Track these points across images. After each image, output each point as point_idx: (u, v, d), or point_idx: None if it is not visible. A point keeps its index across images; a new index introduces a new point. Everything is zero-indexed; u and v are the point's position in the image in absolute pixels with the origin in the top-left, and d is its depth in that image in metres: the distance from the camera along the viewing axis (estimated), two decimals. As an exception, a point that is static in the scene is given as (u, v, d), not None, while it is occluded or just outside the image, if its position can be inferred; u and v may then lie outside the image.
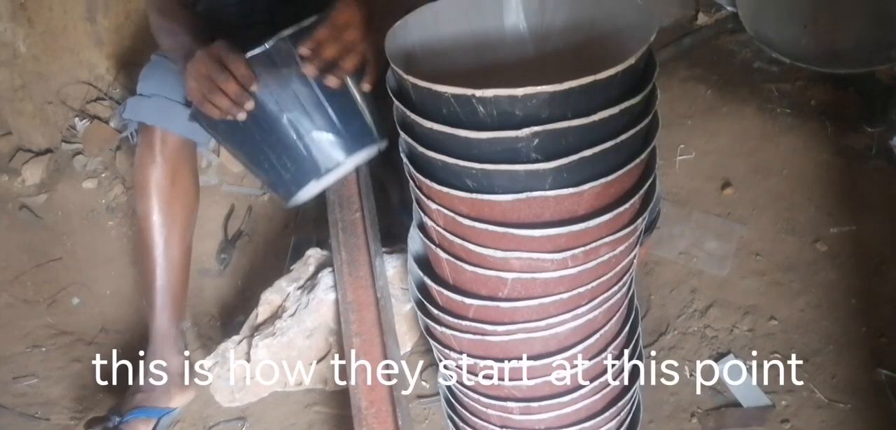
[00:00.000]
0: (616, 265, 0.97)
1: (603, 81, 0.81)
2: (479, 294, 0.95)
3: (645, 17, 0.92)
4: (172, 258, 1.40)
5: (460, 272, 0.95)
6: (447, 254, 0.95)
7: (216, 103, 1.11)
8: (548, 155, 0.84)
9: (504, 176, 0.85)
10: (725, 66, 2.00)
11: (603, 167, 0.87)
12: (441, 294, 0.98)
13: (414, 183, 0.96)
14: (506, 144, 0.83)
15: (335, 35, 1.10)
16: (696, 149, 1.83)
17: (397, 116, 0.94)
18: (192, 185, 1.43)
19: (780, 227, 1.66)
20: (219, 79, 1.09)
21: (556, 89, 0.80)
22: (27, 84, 1.98)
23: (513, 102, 0.81)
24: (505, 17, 1.05)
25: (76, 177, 1.97)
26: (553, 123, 0.82)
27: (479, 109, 0.82)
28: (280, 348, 1.32)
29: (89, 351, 1.58)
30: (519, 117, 0.82)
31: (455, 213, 0.90)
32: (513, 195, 0.86)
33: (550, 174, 0.85)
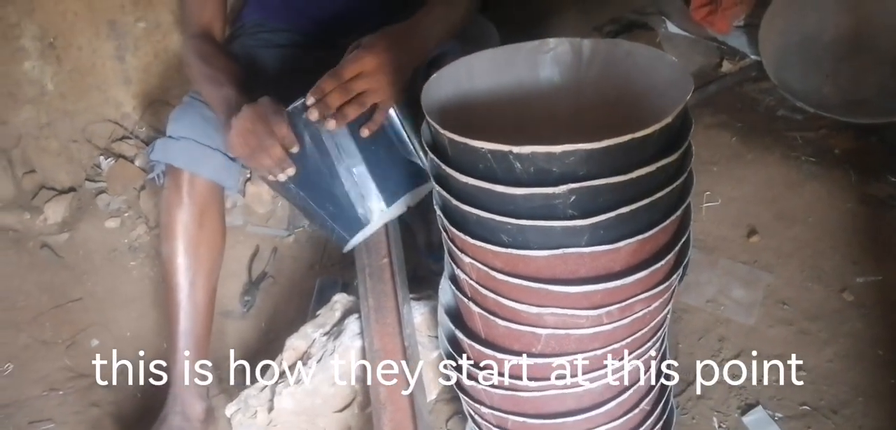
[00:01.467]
0: (651, 321, 0.96)
1: (640, 139, 0.81)
2: (512, 350, 0.94)
3: (680, 75, 0.92)
4: (197, 302, 1.40)
5: (492, 327, 0.94)
6: (480, 308, 0.95)
7: (260, 163, 1.15)
8: (584, 212, 0.83)
9: (540, 232, 0.85)
10: (749, 114, 2.00)
11: (639, 224, 0.87)
12: (472, 348, 0.98)
13: (447, 235, 0.96)
14: (542, 200, 0.83)
15: (338, 83, 1.12)
16: (722, 196, 1.82)
17: (432, 169, 0.94)
18: (219, 228, 1.43)
19: (806, 275, 1.64)
20: (263, 140, 1.12)
21: (594, 147, 0.80)
22: (53, 122, 1.99)
23: (550, 159, 0.81)
24: (540, 71, 1.06)
25: (99, 216, 1.97)
26: (590, 180, 0.81)
27: (516, 165, 0.82)
28: (304, 396, 1.31)
29: (107, 395, 1.56)
30: (556, 174, 0.82)
31: (489, 267, 0.90)
32: (548, 252, 0.86)
33: (587, 231, 0.84)
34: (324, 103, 1.12)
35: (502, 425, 1.01)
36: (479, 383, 0.98)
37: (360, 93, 1.13)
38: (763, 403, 1.40)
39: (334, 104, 1.12)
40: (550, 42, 1.04)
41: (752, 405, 1.40)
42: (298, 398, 1.32)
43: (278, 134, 1.11)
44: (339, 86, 1.12)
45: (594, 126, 1.06)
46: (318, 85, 1.12)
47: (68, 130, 2.00)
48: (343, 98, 1.12)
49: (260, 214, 1.90)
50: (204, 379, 1.42)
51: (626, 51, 1.02)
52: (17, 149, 2.02)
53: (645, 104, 1.00)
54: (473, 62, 1.03)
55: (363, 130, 1.17)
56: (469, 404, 1.04)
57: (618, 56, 1.03)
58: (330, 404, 1.33)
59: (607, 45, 1.02)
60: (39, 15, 1.89)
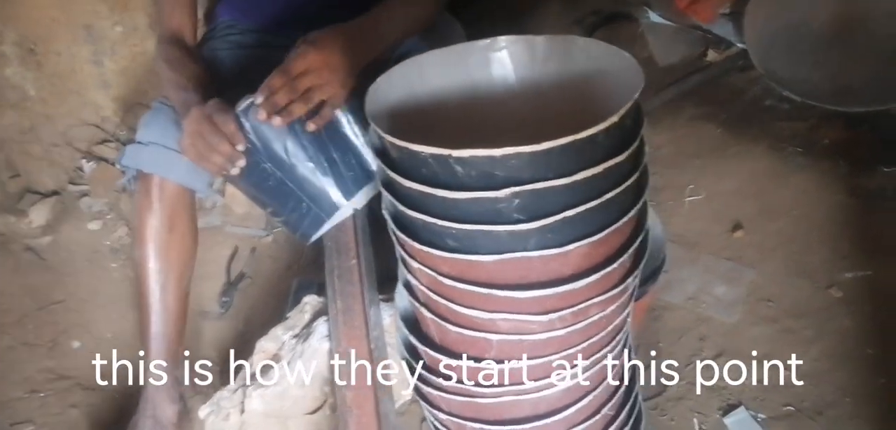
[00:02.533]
0: (607, 325, 0.94)
1: (585, 140, 0.79)
2: (466, 355, 0.93)
3: (633, 71, 0.90)
4: (168, 305, 1.40)
5: (446, 333, 0.92)
6: (432, 314, 0.93)
7: (211, 160, 1.15)
8: (530, 215, 0.81)
9: (486, 236, 0.83)
10: (735, 104, 1.97)
11: (589, 227, 0.85)
12: (427, 354, 0.96)
13: (397, 241, 0.94)
14: (486, 204, 0.81)
15: (287, 82, 1.11)
16: (706, 189, 1.79)
17: (379, 174, 0.92)
18: (190, 233, 1.43)
19: (791, 271, 1.61)
20: (211, 139, 1.13)
21: (536, 149, 0.78)
22: (35, 126, 2.00)
23: (492, 162, 0.79)
24: (493, 69, 1.04)
25: (82, 218, 1.98)
26: (534, 183, 0.79)
27: (457, 169, 0.80)
28: (274, 398, 1.30)
29: (87, 397, 1.57)
30: (499, 178, 0.80)
31: (438, 273, 0.88)
32: (496, 256, 0.84)
33: (534, 235, 0.82)
34: (271, 101, 1.12)
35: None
36: (435, 389, 0.96)
37: (307, 89, 1.13)
38: (745, 403, 1.37)
39: (281, 102, 1.12)
40: (502, 40, 1.02)
41: (733, 406, 1.38)
42: (268, 400, 1.31)
43: (225, 131, 1.12)
44: (287, 82, 1.12)
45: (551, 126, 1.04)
46: (266, 82, 1.13)
47: (50, 135, 2.01)
48: (290, 95, 1.13)
49: (238, 214, 1.90)
50: (176, 382, 1.41)
51: (581, 47, 0.99)
52: (2, 153, 2.03)
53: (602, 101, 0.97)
54: (424, 62, 1.01)
55: (309, 125, 1.17)
56: (428, 410, 1.03)
57: (573, 52, 1.00)
58: (300, 405, 1.32)
59: (563, 42, 1.00)
60: (19, 21, 1.89)
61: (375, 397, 1.17)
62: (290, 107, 1.12)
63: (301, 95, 1.12)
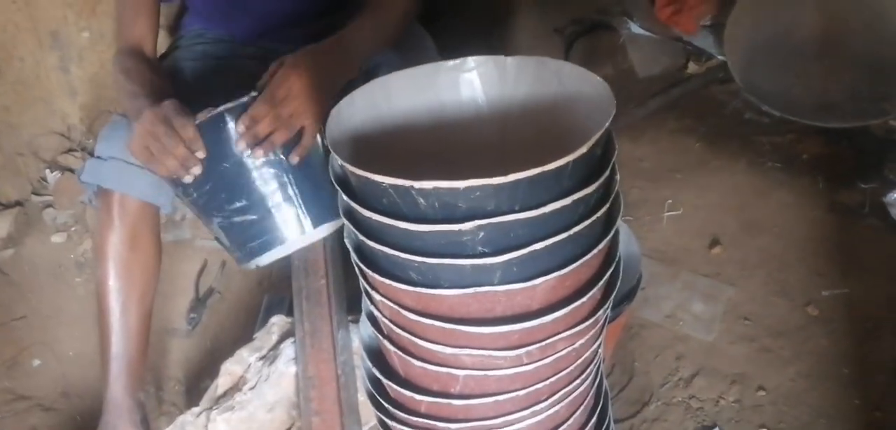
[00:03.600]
0: (577, 359, 0.91)
1: (552, 172, 0.76)
2: (431, 390, 0.89)
3: (604, 97, 0.86)
4: (129, 326, 1.35)
5: (410, 367, 0.89)
6: (395, 347, 0.90)
7: (164, 164, 1.09)
8: (496, 249, 0.78)
9: (449, 270, 0.79)
10: (715, 118, 1.95)
11: (558, 260, 0.81)
12: (391, 388, 0.92)
13: (359, 272, 0.91)
14: (450, 236, 0.77)
15: (271, 109, 1.07)
16: (685, 204, 1.78)
17: (340, 204, 0.88)
18: (153, 250, 1.38)
19: (770, 289, 1.60)
20: (166, 141, 1.07)
21: (502, 181, 0.74)
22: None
23: (455, 194, 0.75)
24: (462, 90, 1.00)
25: (45, 231, 1.92)
26: (499, 215, 0.76)
27: (419, 200, 0.77)
28: (239, 423, 1.26)
29: (46, 418, 1.52)
30: (462, 210, 0.76)
31: (401, 306, 0.85)
32: (460, 290, 0.80)
33: (499, 269, 0.79)
34: (252, 133, 1.07)
35: (425, 467, 0.96)
36: (399, 424, 0.93)
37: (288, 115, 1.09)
38: (721, 425, 1.36)
39: (264, 132, 1.08)
40: (471, 61, 0.98)
41: (709, 428, 1.36)
42: (234, 424, 1.26)
43: (183, 136, 1.06)
44: (270, 111, 1.07)
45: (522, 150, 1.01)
46: (249, 112, 1.08)
47: (13, 143, 1.95)
48: (273, 125, 1.08)
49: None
50: (138, 405, 1.37)
51: (553, 70, 0.96)
52: (-38, 163, 1.96)
53: (574, 126, 0.94)
54: (390, 82, 0.97)
55: (292, 157, 1.12)
56: (392, 444, 0.99)
57: (545, 75, 0.97)
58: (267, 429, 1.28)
59: (534, 63, 0.97)
60: (-23, 28, 1.83)
61: (342, 424, 1.14)
62: (272, 136, 1.08)
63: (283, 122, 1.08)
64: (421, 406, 0.90)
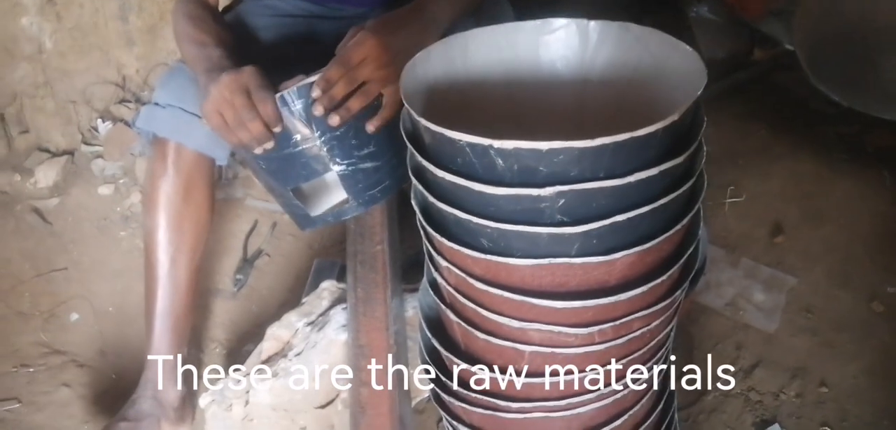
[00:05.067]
0: (651, 340, 0.86)
1: (641, 138, 0.70)
2: (493, 364, 0.85)
3: (694, 66, 0.81)
4: (177, 281, 1.32)
5: (472, 339, 0.85)
6: (458, 317, 0.85)
7: (237, 135, 1.05)
8: (575, 218, 0.73)
9: (524, 238, 0.75)
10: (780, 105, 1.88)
11: (638, 234, 0.76)
12: (450, 360, 0.88)
13: (425, 236, 0.86)
14: (527, 202, 0.73)
15: (347, 73, 1.02)
16: (747, 191, 1.71)
17: (410, 161, 0.84)
18: (206, 204, 1.34)
19: (833, 281, 1.53)
20: (244, 114, 1.03)
21: (587, 145, 0.69)
22: (50, 81, 1.92)
23: (536, 156, 0.71)
24: (541, 53, 0.95)
25: (93, 181, 1.89)
26: (582, 182, 0.71)
27: (497, 161, 0.72)
28: (283, 391, 1.23)
29: (81, 375, 1.47)
30: (543, 174, 0.72)
31: (468, 274, 0.80)
32: (533, 261, 0.76)
33: (577, 240, 0.74)
34: (329, 95, 1.03)
35: (481, 445, 0.92)
36: (456, 399, 0.89)
37: (364, 82, 1.04)
38: (780, 420, 1.30)
39: (339, 95, 1.03)
40: (555, 22, 0.93)
41: (768, 422, 1.30)
42: (277, 392, 1.24)
43: (262, 111, 1.02)
44: (345, 74, 1.03)
45: (600, 117, 0.96)
46: (324, 74, 1.03)
47: (66, 91, 1.93)
48: (348, 88, 1.03)
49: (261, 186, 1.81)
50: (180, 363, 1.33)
51: (636, 36, 0.90)
52: (12, 107, 1.94)
53: (656, 96, 0.89)
54: (469, 40, 0.92)
55: (369, 126, 1.07)
56: (447, 420, 0.95)
57: (628, 41, 0.91)
58: (311, 399, 1.25)
59: (617, 28, 0.91)
60: (39, -31, 1.81)
61: (391, 397, 1.10)
62: (349, 103, 1.03)
63: (359, 87, 1.03)
64: (481, 382, 0.86)
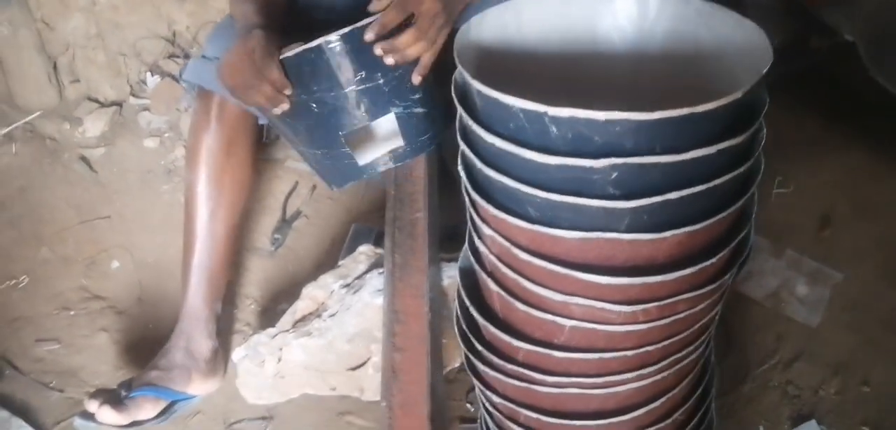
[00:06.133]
0: (694, 324, 0.84)
1: (701, 114, 0.68)
2: (532, 337, 0.84)
3: (758, 42, 0.78)
4: (216, 234, 1.32)
5: (512, 310, 0.84)
6: (499, 286, 0.84)
7: (250, 98, 1.07)
8: (627, 192, 0.71)
9: (573, 210, 0.73)
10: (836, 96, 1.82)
11: (690, 213, 0.74)
12: (487, 330, 0.87)
13: (469, 200, 0.85)
14: (579, 173, 0.71)
15: (400, 17, 1.01)
16: (795, 181, 1.66)
17: (459, 124, 0.83)
18: (249, 159, 1.34)
19: (881, 278, 1.49)
20: (250, 78, 1.04)
21: (645, 118, 0.68)
22: (102, 33, 1.94)
23: (592, 126, 0.69)
24: (598, 22, 0.93)
25: (139, 134, 1.91)
26: (637, 156, 0.69)
27: (551, 129, 0.71)
28: (317, 350, 1.23)
29: (119, 321, 1.50)
30: (597, 145, 0.70)
31: (512, 243, 0.79)
32: (581, 233, 0.74)
33: (628, 215, 0.72)
34: (389, 43, 1.02)
35: (514, 417, 0.91)
36: (491, 369, 0.88)
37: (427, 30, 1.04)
38: (818, 417, 1.27)
39: (404, 45, 1.02)
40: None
41: (805, 417, 1.27)
42: (310, 351, 1.24)
43: (267, 75, 1.03)
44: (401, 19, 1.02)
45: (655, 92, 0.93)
46: (380, 20, 1.02)
47: (117, 43, 1.95)
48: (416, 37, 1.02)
49: (297, 149, 1.82)
50: (214, 317, 1.34)
51: (697, 9, 0.88)
52: (65, 57, 1.97)
53: (716, 74, 0.87)
54: (523, 6, 0.91)
55: (415, 76, 1.07)
56: (480, 389, 0.95)
57: (688, 15, 0.89)
58: (344, 361, 1.25)
59: (678, 1, 0.89)
60: (93, -81, 1.82)
61: (426, 364, 1.09)
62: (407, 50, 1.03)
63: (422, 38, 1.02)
64: (518, 354, 0.85)
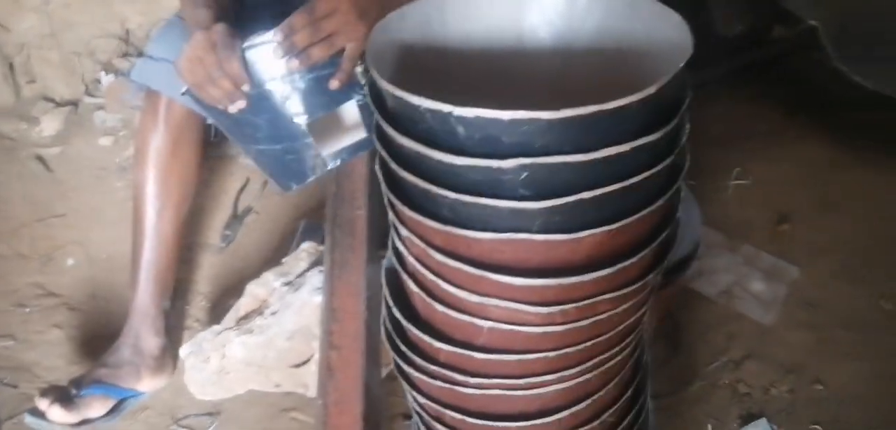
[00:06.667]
0: (619, 324, 0.82)
1: (612, 111, 0.66)
2: (452, 338, 0.82)
3: (682, 38, 0.76)
4: (163, 233, 1.33)
5: (432, 311, 0.82)
6: (419, 288, 0.82)
7: (209, 93, 1.05)
8: (538, 193, 0.69)
9: (484, 211, 0.71)
10: (799, 86, 1.82)
11: (608, 212, 0.72)
12: (410, 331, 0.85)
13: (388, 203, 0.83)
14: (489, 174, 0.69)
15: (311, 22, 0.99)
16: (754, 175, 1.66)
17: (373, 124, 0.81)
18: (195, 159, 1.35)
19: (839, 275, 1.48)
20: (212, 71, 1.02)
21: (552, 117, 0.66)
22: (56, 32, 1.94)
23: (498, 125, 0.67)
24: (525, 17, 0.91)
25: (94, 132, 1.92)
26: (547, 155, 0.67)
27: (458, 129, 0.69)
28: (257, 347, 1.23)
29: (72, 317, 1.51)
30: (506, 145, 0.68)
31: (428, 244, 0.77)
32: (494, 235, 0.72)
33: (540, 215, 0.70)
34: (289, 41, 1.01)
35: (440, 418, 0.90)
36: (415, 370, 0.86)
37: (330, 33, 1.01)
38: (768, 416, 1.26)
39: (301, 44, 1.01)
40: (540, -15, 0.89)
41: (755, 417, 1.26)
42: (251, 348, 1.24)
43: (228, 69, 1.01)
44: (310, 23, 1.00)
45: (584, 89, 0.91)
46: (287, 21, 1.01)
47: (71, 42, 1.96)
48: (312, 38, 1.01)
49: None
50: (162, 314, 1.35)
51: (626, 3, 0.86)
52: (20, 57, 1.97)
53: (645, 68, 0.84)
54: (446, 2, 0.88)
55: (332, 82, 1.05)
56: (408, 389, 0.93)
57: (618, 8, 0.87)
58: (285, 358, 1.25)
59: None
60: (42, -80, 1.81)
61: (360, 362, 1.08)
62: (310, 50, 1.01)
63: (323, 38, 1.00)
64: (440, 355, 0.83)
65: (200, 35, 1.04)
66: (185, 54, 1.05)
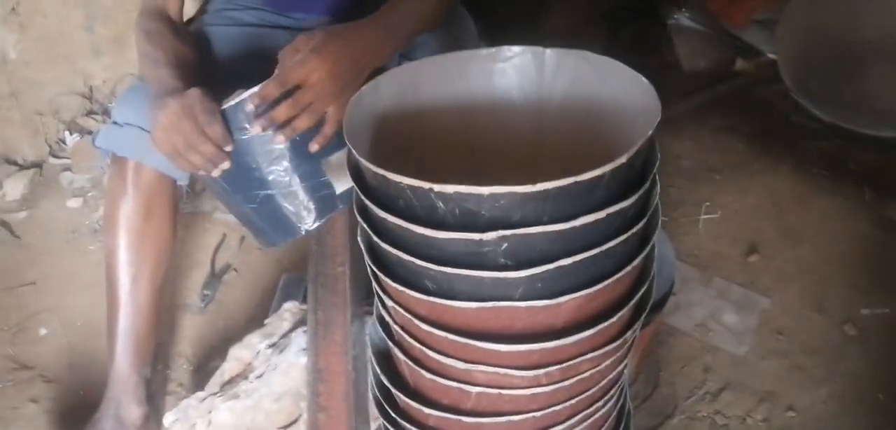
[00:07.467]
0: (602, 380, 0.84)
1: (586, 182, 0.69)
2: (441, 404, 0.83)
3: (650, 101, 0.79)
4: (139, 300, 1.30)
5: (420, 378, 0.83)
6: (406, 356, 0.84)
7: (190, 161, 1.03)
8: (519, 262, 0.71)
9: (467, 281, 0.73)
10: (761, 119, 1.87)
11: (586, 277, 0.74)
12: (400, 398, 0.87)
13: (371, 274, 0.85)
14: (470, 246, 0.71)
15: (286, 93, 1.00)
16: (723, 207, 1.70)
17: (355, 199, 0.82)
18: (168, 223, 1.32)
19: (806, 303, 1.52)
20: (192, 138, 1.00)
21: (529, 190, 0.68)
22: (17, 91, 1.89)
23: (477, 200, 0.69)
24: (496, 82, 0.93)
25: (61, 194, 1.88)
26: (525, 227, 0.69)
27: (438, 204, 0.70)
28: (245, 412, 1.21)
29: (49, 390, 1.47)
30: (485, 218, 0.70)
31: (413, 315, 0.79)
32: (477, 304, 0.74)
33: (521, 284, 0.72)
34: (269, 117, 1.01)
35: (431, 483, 0.91)
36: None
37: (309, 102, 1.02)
38: (747, 445, 1.29)
39: (282, 118, 1.01)
40: (508, 50, 0.91)
41: (734, 446, 1.30)
42: (238, 413, 1.22)
43: (210, 133, 1.00)
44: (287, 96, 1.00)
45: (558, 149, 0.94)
46: (260, 91, 1.01)
47: (34, 102, 1.91)
48: (291, 112, 1.01)
49: (227, 202, 1.80)
50: (143, 382, 1.32)
51: (594, 65, 0.88)
52: (-22, 118, 1.93)
53: (615, 129, 0.87)
54: (419, 70, 0.90)
55: (312, 145, 1.05)
56: (398, 456, 0.94)
57: (585, 71, 0.89)
58: (273, 420, 1.23)
59: (575, 57, 0.89)
60: (-1, -20, 1.78)
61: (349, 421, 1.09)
62: (294, 122, 1.01)
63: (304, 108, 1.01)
64: (429, 420, 0.85)
65: (174, 103, 1.02)
66: (160, 124, 1.03)
